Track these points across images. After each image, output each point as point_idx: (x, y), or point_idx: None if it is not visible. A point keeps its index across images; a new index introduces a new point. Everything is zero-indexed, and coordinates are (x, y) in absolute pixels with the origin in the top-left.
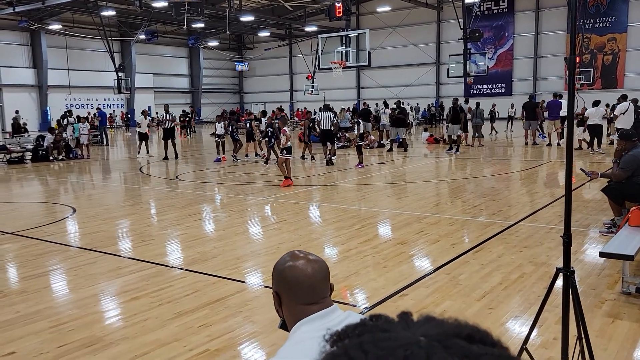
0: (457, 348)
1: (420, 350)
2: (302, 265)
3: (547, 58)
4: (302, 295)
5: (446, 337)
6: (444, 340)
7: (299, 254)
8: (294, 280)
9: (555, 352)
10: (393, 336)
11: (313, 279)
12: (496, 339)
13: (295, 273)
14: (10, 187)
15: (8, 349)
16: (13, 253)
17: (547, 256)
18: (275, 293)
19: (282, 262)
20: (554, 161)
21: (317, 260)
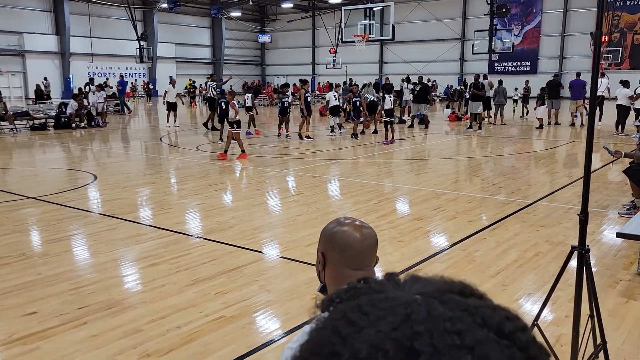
0: (454, 302)
1: (420, 307)
2: (354, 229)
3: (575, 36)
4: (349, 258)
5: (440, 294)
6: (439, 296)
7: (351, 219)
8: (345, 242)
9: (566, 329)
10: (390, 296)
11: (362, 244)
12: (482, 291)
13: (346, 235)
14: (33, 153)
15: (30, 308)
16: (35, 217)
17: (564, 236)
18: (321, 254)
19: (333, 225)
20: (576, 141)
21: (368, 227)
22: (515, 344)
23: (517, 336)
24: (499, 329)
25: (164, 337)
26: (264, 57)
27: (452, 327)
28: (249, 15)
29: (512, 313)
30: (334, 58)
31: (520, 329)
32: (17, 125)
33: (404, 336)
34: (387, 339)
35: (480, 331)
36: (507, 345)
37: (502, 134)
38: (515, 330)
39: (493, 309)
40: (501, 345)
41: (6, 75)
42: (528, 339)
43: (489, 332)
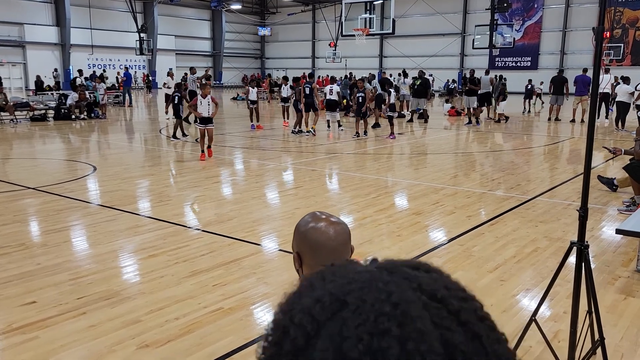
0: (400, 272)
1: (365, 273)
2: (325, 227)
3: (576, 32)
4: (324, 256)
5: (393, 267)
6: (390, 268)
7: (321, 215)
8: (317, 242)
9: (564, 325)
10: (349, 267)
11: (335, 241)
12: (442, 269)
13: (317, 235)
14: (33, 143)
15: (29, 298)
16: (35, 208)
17: (563, 232)
18: (297, 254)
19: (305, 223)
20: (577, 137)
21: (339, 222)
22: (445, 308)
23: (450, 302)
24: (432, 294)
25: (162, 328)
26: (263, 50)
27: (385, 287)
28: (249, 8)
29: (454, 285)
30: (334, 52)
31: (457, 297)
32: (17, 116)
33: (341, 292)
34: (328, 293)
35: (411, 293)
36: (436, 307)
37: (502, 129)
38: (450, 297)
39: (435, 279)
40: (429, 307)
41: (6, 66)
42: (462, 306)
43: (421, 295)
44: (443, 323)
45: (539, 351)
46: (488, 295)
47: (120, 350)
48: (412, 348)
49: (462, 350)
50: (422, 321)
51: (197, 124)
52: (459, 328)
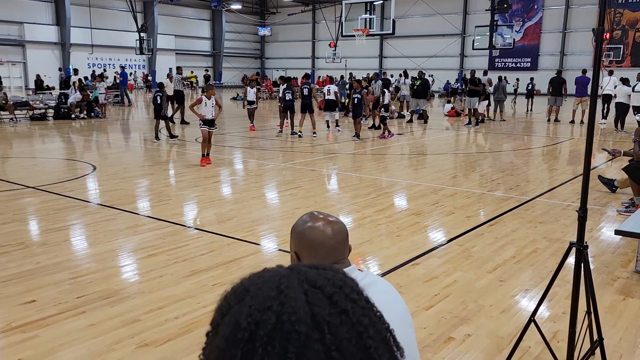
0: (297, 269)
1: (276, 271)
2: (323, 226)
3: (576, 33)
4: (322, 255)
5: (296, 266)
6: (293, 267)
7: (319, 215)
8: (315, 241)
9: (563, 325)
10: (269, 269)
11: (334, 240)
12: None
13: (316, 234)
14: (33, 143)
15: (29, 297)
16: (34, 207)
17: (562, 232)
18: (295, 253)
19: (302, 223)
20: (577, 139)
21: (337, 222)
22: (321, 292)
23: (326, 288)
24: (313, 283)
25: (162, 327)
26: (263, 50)
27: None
28: (249, 8)
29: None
30: (333, 52)
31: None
32: (17, 115)
33: (250, 284)
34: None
35: (296, 282)
36: (313, 292)
37: (502, 130)
38: (327, 285)
39: (320, 274)
40: (307, 291)
41: (6, 65)
42: (335, 291)
43: (305, 284)
44: (315, 302)
45: (538, 351)
46: (487, 295)
47: (120, 349)
48: (285, 318)
49: (326, 320)
50: (297, 300)
51: (201, 126)
52: (328, 306)
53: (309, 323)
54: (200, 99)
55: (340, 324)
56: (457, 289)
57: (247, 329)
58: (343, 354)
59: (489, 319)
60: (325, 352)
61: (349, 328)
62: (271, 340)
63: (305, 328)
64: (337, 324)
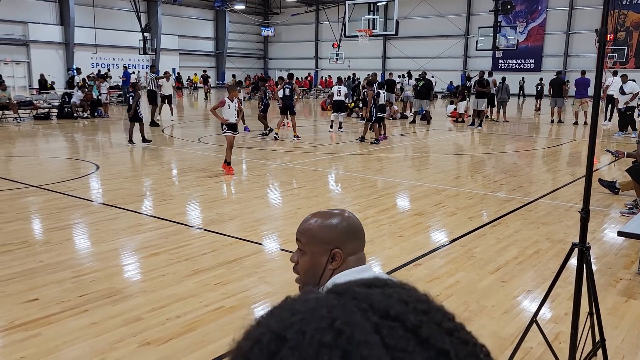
0: (350, 293)
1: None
2: (348, 213)
3: (580, 34)
4: (361, 242)
5: (346, 287)
6: (340, 289)
7: (326, 210)
8: (357, 229)
9: (565, 326)
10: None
11: (358, 220)
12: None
13: (351, 221)
14: (36, 142)
15: (31, 295)
16: (38, 205)
17: (564, 233)
18: (337, 252)
19: (337, 219)
20: (579, 140)
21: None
22: (402, 325)
23: (407, 317)
24: (385, 312)
25: (164, 326)
26: (267, 51)
27: (328, 313)
28: (252, 9)
29: (415, 297)
30: (337, 52)
31: (416, 311)
32: (20, 114)
33: (281, 327)
34: (268, 331)
35: (359, 315)
36: (390, 327)
37: (505, 131)
38: (407, 312)
39: (389, 295)
40: (380, 327)
41: (10, 65)
42: (422, 320)
43: (372, 315)
44: (397, 344)
45: (539, 352)
46: (489, 296)
47: (122, 348)
48: None
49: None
50: (369, 347)
51: (224, 132)
52: (418, 347)
53: None
54: (222, 101)
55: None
56: (459, 289)
57: None
58: None
59: (490, 320)
60: None
61: None
62: None
63: None
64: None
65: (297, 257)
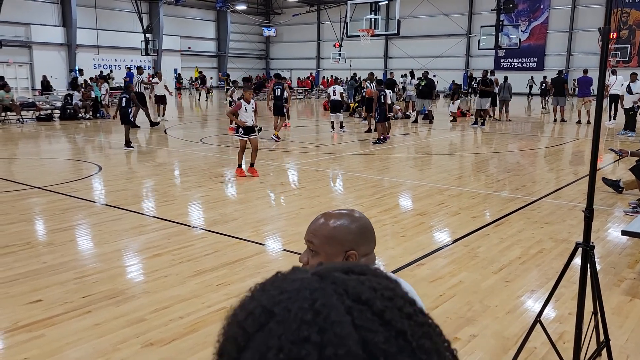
0: (330, 277)
1: (299, 281)
2: (354, 211)
3: (582, 33)
4: (372, 237)
5: (327, 271)
6: (323, 273)
7: (337, 210)
8: (370, 228)
9: (569, 326)
10: (289, 277)
11: (367, 219)
12: (378, 270)
13: (362, 221)
14: (39, 143)
15: (35, 296)
16: (41, 207)
17: (568, 233)
18: (352, 253)
19: (349, 219)
20: (582, 139)
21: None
22: (370, 309)
23: (374, 302)
24: (357, 297)
25: (167, 327)
26: (268, 51)
27: (310, 295)
28: (254, 9)
29: (383, 285)
30: (338, 52)
31: (383, 297)
32: (23, 116)
33: (271, 303)
34: (259, 306)
35: (335, 298)
36: (359, 310)
37: (507, 130)
38: (375, 298)
39: (362, 282)
40: (352, 310)
41: (13, 67)
42: (387, 305)
43: (346, 299)
44: (364, 324)
45: (543, 352)
46: (493, 296)
47: (125, 349)
48: (331, 353)
49: (382, 349)
50: (341, 325)
51: (237, 134)
52: (381, 328)
53: (362, 355)
54: (239, 104)
55: (398, 353)
56: (462, 289)
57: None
58: None
59: (494, 320)
60: None
61: (409, 356)
62: None
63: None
64: (395, 352)
65: (308, 258)
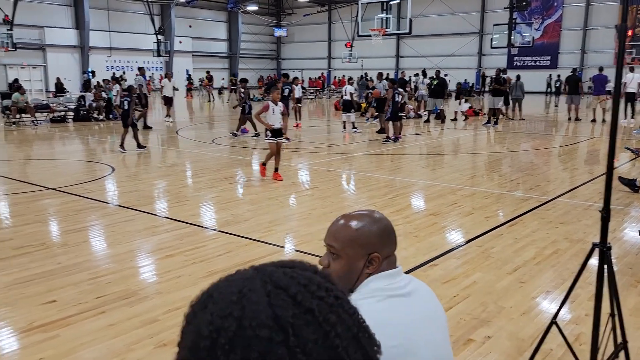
0: (263, 270)
1: (242, 272)
2: (373, 212)
3: (597, 30)
4: (392, 245)
5: (263, 266)
6: (259, 267)
7: (355, 212)
8: (391, 231)
9: (586, 328)
10: (238, 271)
11: (388, 219)
12: (307, 265)
13: (388, 224)
14: (53, 145)
15: (49, 297)
16: (55, 208)
17: (584, 233)
18: (375, 256)
19: (369, 221)
20: (597, 138)
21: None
22: (285, 292)
23: (290, 287)
24: (277, 284)
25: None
26: (279, 51)
27: (242, 282)
28: (265, 9)
29: (301, 275)
30: (350, 52)
31: (298, 284)
32: (37, 117)
33: (213, 288)
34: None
35: (259, 284)
36: (276, 293)
37: (521, 129)
38: (291, 284)
39: (286, 273)
40: (271, 293)
41: (27, 69)
42: (299, 290)
43: (269, 285)
44: (277, 303)
45: (559, 354)
46: (507, 297)
47: (139, 349)
48: (246, 324)
49: (290, 322)
50: (258, 304)
51: (267, 138)
52: (292, 306)
53: (272, 326)
54: (266, 105)
55: (305, 325)
56: (476, 290)
57: (208, 337)
58: (309, 356)
59: (509, 321)
60: (290, 355)
61: (315, 328)
62: (233, 347)
63: (268, 332)
64: (302, 324)
65: (329, 261)
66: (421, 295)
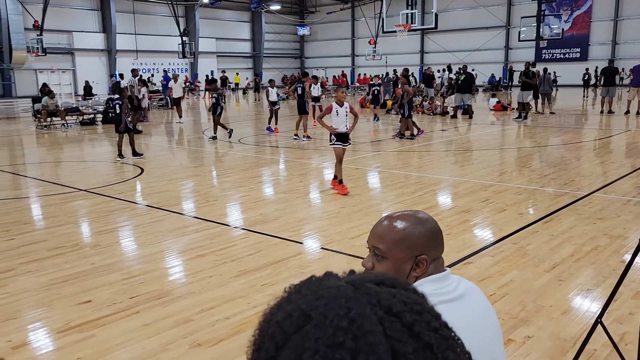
0: (364, 288)
1: (335, 289)
2: (418, 212)
3: (629, 20)
4: (440, 247)
5: (361, 281)
6: (356, 283)
7: (402, 212)
8: (438, 232)
9: (631, 327)
10: (324, 283)
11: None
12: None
13: (435, 224)
14: (83, 147)
15: (85, 297)
16: (86, 209)
17: (623, 229)
18: (422, 259)
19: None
20: (633, 130)
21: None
22: (400, 321)
23: (404, 315)
24: (389, 309)
25: (214, 327)
26: (303, 50)
27: (346, 303)
28: (288, 8)
29: (412, 299)
30: (373, 49)
31: (412, 311)
32: (67, 120)
33: (308, 307)
34: (298, 308)
35: (369, 308)
36: (390, 321)
37: (551, 123)
38: (405, 311)
39: (394, 295)
40: (384, 320)
41: (57, 73)
42: (416, 319)
43: (379, 310)
44: (395, 335)
45: (604, 354)
46: (546, 295)
47: (174, 349)
48: (363, 359)
49: (410, 359)
50: (374, 335)
51: (331, 143)
52: (410, 339)
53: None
54: (330, 107)
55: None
56: (513, 288)
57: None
58: None
59: (549, 320)
60: None
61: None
62: None
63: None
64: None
65: (373, 263)
66: (472, 298)
